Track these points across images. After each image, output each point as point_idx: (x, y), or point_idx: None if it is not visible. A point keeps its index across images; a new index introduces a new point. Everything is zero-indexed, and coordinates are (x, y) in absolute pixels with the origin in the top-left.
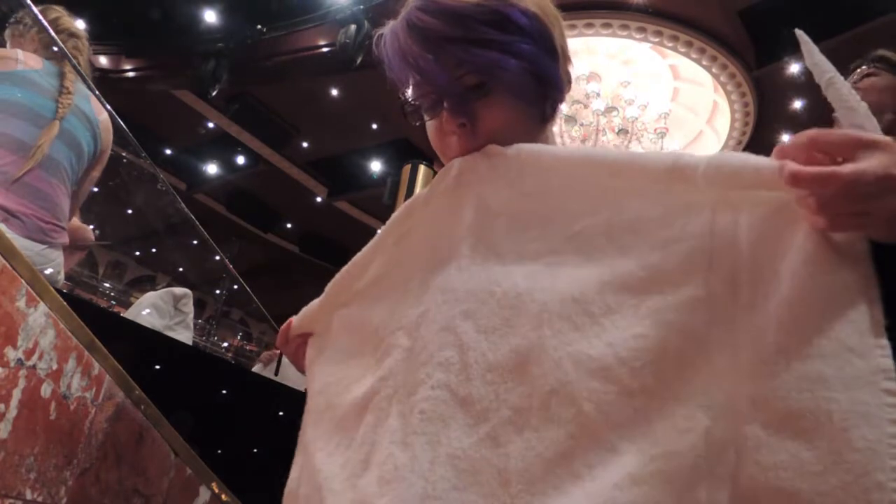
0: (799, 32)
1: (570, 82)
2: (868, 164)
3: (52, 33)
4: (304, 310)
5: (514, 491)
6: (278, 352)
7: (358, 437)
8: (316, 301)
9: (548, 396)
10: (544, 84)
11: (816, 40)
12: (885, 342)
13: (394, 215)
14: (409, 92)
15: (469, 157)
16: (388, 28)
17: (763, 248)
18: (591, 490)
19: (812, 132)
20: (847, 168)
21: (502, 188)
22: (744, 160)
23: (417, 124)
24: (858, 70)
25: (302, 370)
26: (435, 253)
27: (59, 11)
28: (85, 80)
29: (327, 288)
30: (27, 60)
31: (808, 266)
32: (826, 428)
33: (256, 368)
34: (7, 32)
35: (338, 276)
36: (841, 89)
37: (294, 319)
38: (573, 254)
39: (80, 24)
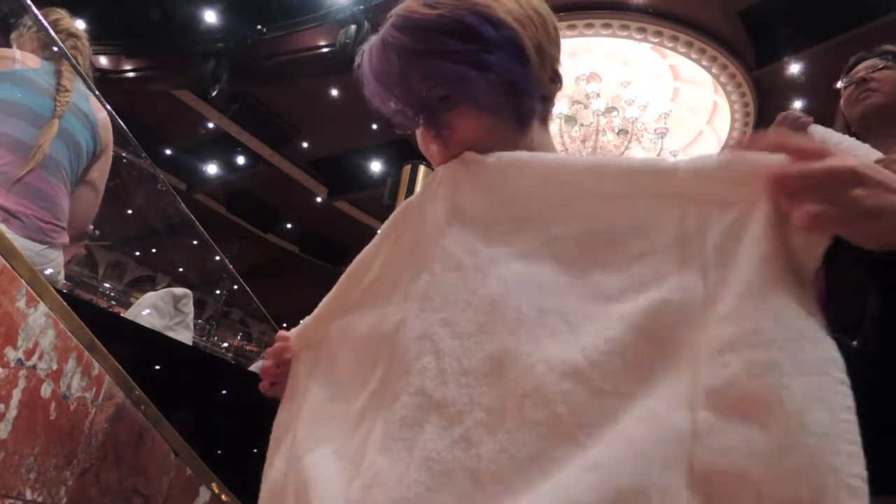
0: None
1: (557, 82)
2: (836, 159)
3: (52, 32)
4: (299, 327)
5: (488, 491)
6: None
7: (352, 450)
8: (310, 317)
9: (521, 400)
10: (513, 91)
11: (817, 40)
12: (830, 336)
13: (391, 216)
14: (392, 105)
15: (450, 165)
16: (366, 47)
17: (728, 248)
18: (557, 480)
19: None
20: (818, 162)
21: (480, 196)
22: (720, 159)
23: (407, 132)
24: (867, 62)
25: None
26: (417, 259)
27: (59, 13)
28: (84, 79)
29: (325, 299)
30: (25, 60)
31: (766, 262)
32: (777, 411)
33: (254, 367)
34: (12, 35)
35: (338, 284)
36: (853, 144)
37: (292, 337)
38: (549, 261)
39: (80, 25)
